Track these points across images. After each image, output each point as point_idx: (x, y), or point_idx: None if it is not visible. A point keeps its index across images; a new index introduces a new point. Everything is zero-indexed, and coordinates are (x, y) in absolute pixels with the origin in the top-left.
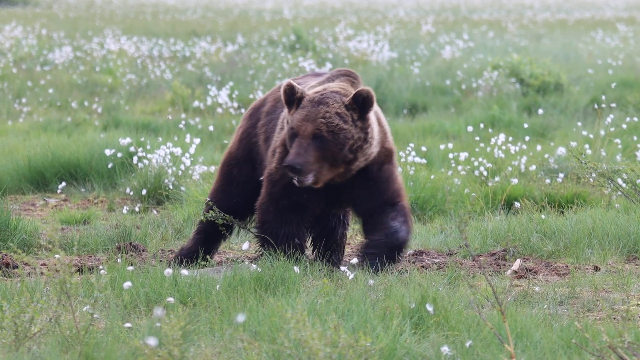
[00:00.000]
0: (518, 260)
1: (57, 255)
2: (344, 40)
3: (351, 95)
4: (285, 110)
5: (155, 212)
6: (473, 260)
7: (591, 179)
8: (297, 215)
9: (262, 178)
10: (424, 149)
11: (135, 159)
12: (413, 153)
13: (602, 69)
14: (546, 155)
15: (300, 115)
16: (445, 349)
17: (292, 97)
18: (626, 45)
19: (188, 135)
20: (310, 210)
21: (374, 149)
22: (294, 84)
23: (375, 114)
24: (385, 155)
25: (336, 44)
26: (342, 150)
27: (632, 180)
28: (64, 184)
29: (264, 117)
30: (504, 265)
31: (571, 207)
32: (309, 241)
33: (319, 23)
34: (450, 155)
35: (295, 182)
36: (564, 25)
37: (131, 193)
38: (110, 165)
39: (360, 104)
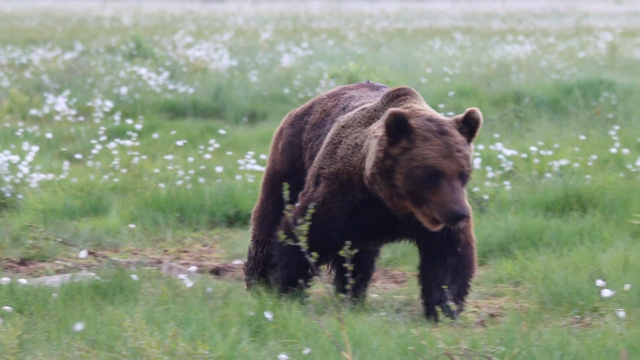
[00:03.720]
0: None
1: None
2: (183, 48)
3: (462, 119)
4: (378, 138)
5: None
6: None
7: None
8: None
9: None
10: (263, 157)
11: None
12: (252, 161)
13: (439, 77)
14: None
15: (433, 152)
16: (283, 356)
17: (402, 127)
18: (463, 54)
19: (26, 143)
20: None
21: None
22: (406, 114)
23: None
24: None
25: (175, 51)
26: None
27: (469, 189)
28: None
29: (310, 129)
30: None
31: None
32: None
33: (158, 31)
34: None
35: (453, 225)
36: (403, 34)
37: None
38: None
39: (472, 128)
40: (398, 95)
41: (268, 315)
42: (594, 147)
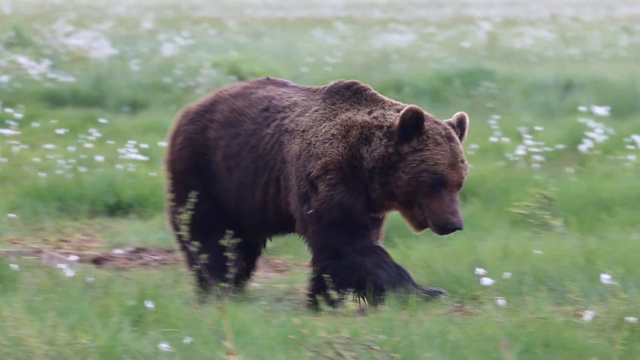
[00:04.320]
0: None
1: None
2: (63, 36)
3: (455, 123)
4: (383, 130)
5: None
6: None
7: None
8: (365, 234)
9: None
10: (144, 146)
11: None
12: (133, 150)
13: (320, 66)
14: None
15: (444, 159)
16: (164, 345)
17: (417, 126)
18: (344, 44)
19: None
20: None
21: None
22: (423, 112)
23: None
24: None
25: (56, 40)
26: None
27: None
28: None
29: (218, 127)
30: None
31: None
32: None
33: (38, 19)
34: None
35: (443, 235)
36: (285, 23)
37: None
38: None
39: (462, 131)
40: (362, 89)
41: (149, 304)
42: (474, 136)
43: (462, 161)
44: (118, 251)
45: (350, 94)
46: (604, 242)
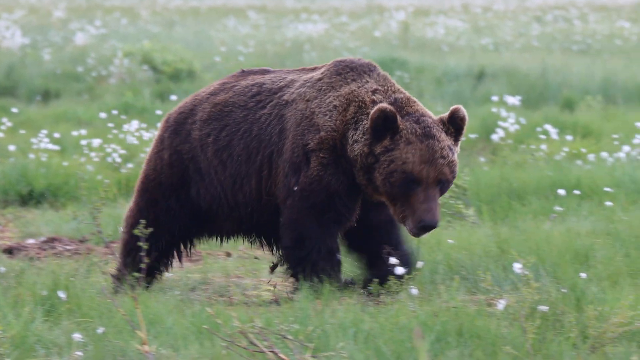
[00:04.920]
0: None
1: None
2: None
3: (447, 118)
4: (363, 127)
5: None
6: (106, 247)
7: None
8: (340, 227)
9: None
10: (57, 135)
11: None
12: (46, 140)
13: (233, 55)
14: None
15: (415, 157)
16: (77, 335)
17: (389, 126)
18: (257, 33)
19: None
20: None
21: None
22: (394, 112)
23: None
24: None
25: None
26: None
27: None
28: None
29: (202, 125)
30: None
31: None
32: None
33: None
34: (84, 142)
35: (414, 234)
36: (197, 12)
37: None
38: None
39: (458, 127)
40: (373, 66)
41: (61, 294)
42: None
43: (443, 157)
44: (30, 241)
45: (359, 67)
46: (517, 231)
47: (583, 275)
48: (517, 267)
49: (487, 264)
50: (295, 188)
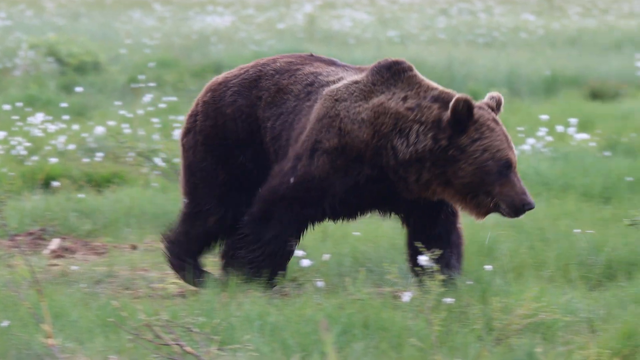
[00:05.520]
0: (56, 240)
1: None
2: None
3: (494, 104)
4: (429, 121)
5: None
6: (10, 240)
7: (130, 158)
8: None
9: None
10: None
11: None
12: None
13: (139, 48)
14: (85, 135)
15: (503, 143)
16: None
17: (471, 115)
18: (163, 25)
19: None
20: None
21: None
22: (472, 100)
23: None
24: None
25: None
26: None
27: (169, 159)
28: None
29: (265, 106)
30: (43, 244)
31: (109, 186)
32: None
33: None
34: None
35: (519, 216)
36: (102, 4)
37: None
38: None
39: (499, 110)
40: (401, 70)
41: None
42: None
43: (511, 142)
44: None
45: (389, 75)
46: None
47: (488, 267)
48: (422, 259)
49: (393, 256)
50: (292, 180)
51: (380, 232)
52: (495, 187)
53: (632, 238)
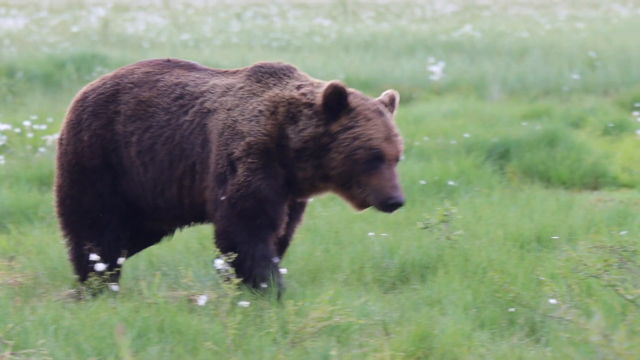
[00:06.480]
0: None
1: None
2: None
3: (387, 101)
4: (310, 110)
5: None
6: None
7: None
8: (272, 233)
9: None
10: None
11: None
12: None
13: None
14: None
15: (377, 133)
16: None
17: (343, 103)
18: None
19: None
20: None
21: None
22: (345, 87)
23: None
24: None
25: None
26: None
27: None
28: None
29: (126, 121)
30: None
31: None
32: None
33: None
34: None
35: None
36: None
37: None
38: None
39: (393, 107)
40: (288, 67)
41: None
42: None
43: (396, 135)
44: None
45: (277, 69)
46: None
47: (283, 270)
48: (218, 263)
49: (188, 260)
50: (223, 198)
51: (175, 235)
52: (365, 178)
53: (425, 241)
